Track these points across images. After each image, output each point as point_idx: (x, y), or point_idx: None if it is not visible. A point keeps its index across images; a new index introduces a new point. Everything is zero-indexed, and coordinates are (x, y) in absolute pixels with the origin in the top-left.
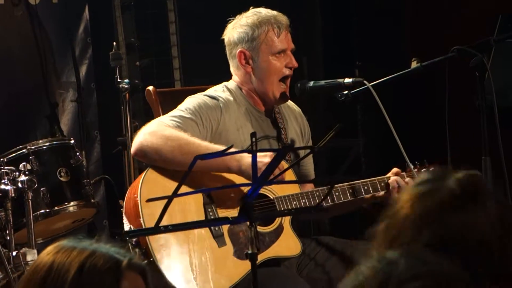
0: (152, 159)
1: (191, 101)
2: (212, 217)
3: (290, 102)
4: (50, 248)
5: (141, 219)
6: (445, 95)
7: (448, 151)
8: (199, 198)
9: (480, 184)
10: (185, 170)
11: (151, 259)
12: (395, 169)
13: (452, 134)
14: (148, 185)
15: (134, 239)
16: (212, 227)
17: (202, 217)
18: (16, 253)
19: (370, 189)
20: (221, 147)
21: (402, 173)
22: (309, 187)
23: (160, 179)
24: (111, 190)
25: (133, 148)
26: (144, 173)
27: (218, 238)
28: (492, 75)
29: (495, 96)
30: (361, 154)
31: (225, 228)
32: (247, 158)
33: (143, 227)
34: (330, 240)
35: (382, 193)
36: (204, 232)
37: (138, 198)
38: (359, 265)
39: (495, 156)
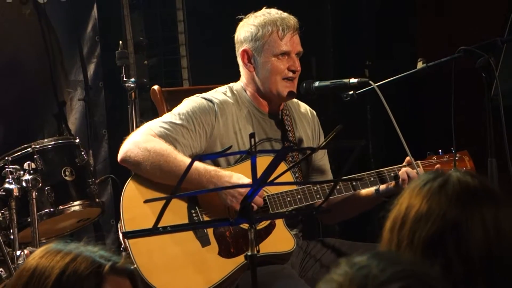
0: (133, 170)
1: (186, 105)
2: (196, 220)
3: (302, 106)
4: (36, 252)
5: (122, 223)
6: (451, 95)
7: (454, 152)
8: (182, 200)
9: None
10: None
11: (134, 265)
12: (407, 159)
13: (458, 135)
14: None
15: (122, 246)
16: None
17: (185, 220)
18: (20, 252)
19: (377, 180)
20: (209, 166)
21: (417, 161)
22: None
23: (144, 184)
24: (118, 189)
25: (118, 156)
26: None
27: (202, 238)
28: (501, 75)
29: (501, 96)
30: (370, 155)
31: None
32: (224, 182)
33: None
34: (336, 242)
35: (392, 183)
36: (187, 232)
37: (121, 201)
38: (329, 274)
39: (502, 157)
